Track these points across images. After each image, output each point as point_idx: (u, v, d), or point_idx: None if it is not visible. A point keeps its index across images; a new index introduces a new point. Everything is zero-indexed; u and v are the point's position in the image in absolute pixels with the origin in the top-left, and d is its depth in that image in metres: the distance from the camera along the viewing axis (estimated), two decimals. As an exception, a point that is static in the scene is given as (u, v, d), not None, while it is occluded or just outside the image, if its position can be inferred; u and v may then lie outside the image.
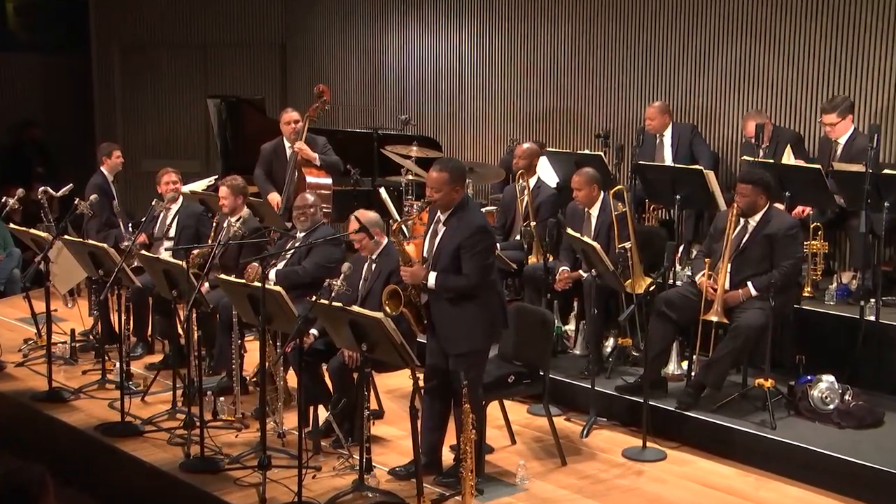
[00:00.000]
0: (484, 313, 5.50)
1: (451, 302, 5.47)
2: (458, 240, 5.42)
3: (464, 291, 5.44)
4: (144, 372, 7.81)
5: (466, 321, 5.47)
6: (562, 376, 7.09)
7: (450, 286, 5.44)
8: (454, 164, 5.55)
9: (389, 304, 5.59)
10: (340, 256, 7.10)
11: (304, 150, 8.76)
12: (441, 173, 5.45)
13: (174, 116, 13.43)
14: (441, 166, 5.49)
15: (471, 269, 5.40)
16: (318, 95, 9.12)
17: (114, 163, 9.30)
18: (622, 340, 7.30)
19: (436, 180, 5.45)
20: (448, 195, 5.46)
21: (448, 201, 5.48)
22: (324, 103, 9.10)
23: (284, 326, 5.96)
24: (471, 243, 5.39)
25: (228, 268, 7.33)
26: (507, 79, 10.84)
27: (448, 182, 5.44)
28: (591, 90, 10.12)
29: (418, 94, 11.72)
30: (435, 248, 5.53)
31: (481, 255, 5.41)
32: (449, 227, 5.50)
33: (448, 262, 5.45)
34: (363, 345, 5.29)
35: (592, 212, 7.41)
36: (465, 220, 5.45)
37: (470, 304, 5.46)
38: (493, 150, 11.04)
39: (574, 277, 7.32)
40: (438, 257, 5.50)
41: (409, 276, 5.54)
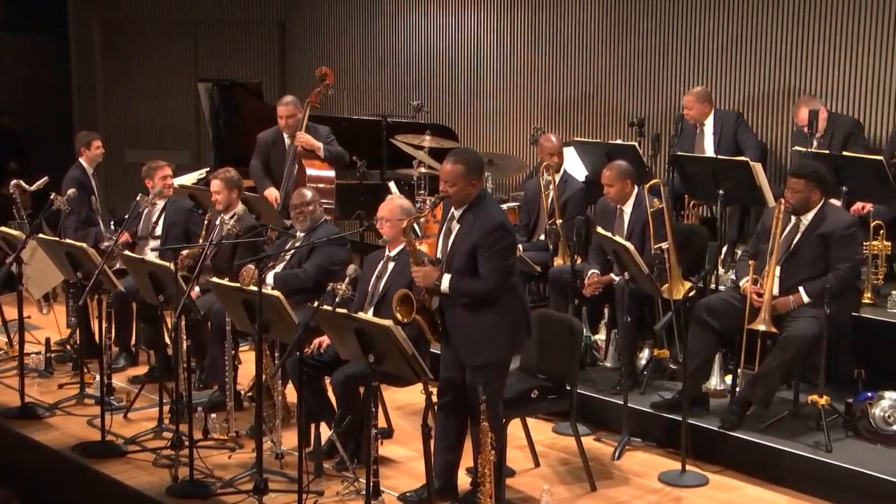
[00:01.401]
0: (504, 320, 5.51)
1: (467, 307, 5.48)
2: (475, 238, 5.42)
3: (481, 296, 5.44)
4: (128, 386, 7.83)
5: (485, 329, 5.47)
6: (591, 391, 7.08)
7: (465, 290, 5.45)
8: (470, 156, 5.56)
9: (401, 310, 5.60)
10: (346, 258, 7.12)
11: (305, 139, 8.78)
12: (456, 165, 5.46)
13: (161, 102, 13.47)
14: (456, 158, 5.50)
15: (488, 270, 5.40)
16: (319, 79, 9.13)
17: (93, 154, 9.35)
18: (658, 352, 7.29)
19: (450, 173, 5.46)
20: (463, 189, 5.47)
21: (463, 196, 5.48)
22: (326, 87, 9.11)
23: (283, 335, 5.97)
24: (488, 242, 5.40)
25: (221, 270, 7.35)
26: (531, 61, 10.84)
27: (464, 175, 5.45)
28: (625, 73, 10.12)
29: (432, 78, 11.73)
30: (449, 248, 5.54)
31: (500, 254, 5.41)
32: (464, 224, 5.50)
33: (463, 264, 5.45)
34: (370, 356, 5.30)
35: (625, 208, 7.40)
36: (481, 217, 5.46)
37: (488, 310, 5.46)
38: (514, 141, 11.04)
39: (604, 281, 7.31)
40: (452, 258, 5.50)
41: (422, 278, 5.54)
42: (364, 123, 10.72)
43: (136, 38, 13.41)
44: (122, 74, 13.48)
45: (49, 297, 9.15)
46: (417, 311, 5.56)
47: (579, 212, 7.98)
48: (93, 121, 13.18)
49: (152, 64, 13.43)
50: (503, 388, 5.67)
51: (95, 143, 9.37)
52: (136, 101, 13.48)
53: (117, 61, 13.47)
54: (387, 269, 6.51)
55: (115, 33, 13.46)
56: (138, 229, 8.37)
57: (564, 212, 8.04)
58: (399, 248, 6.46)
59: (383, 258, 6.55)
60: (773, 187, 7.72)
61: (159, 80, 13.44)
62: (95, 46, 13.48)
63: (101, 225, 8.94)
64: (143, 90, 13.46)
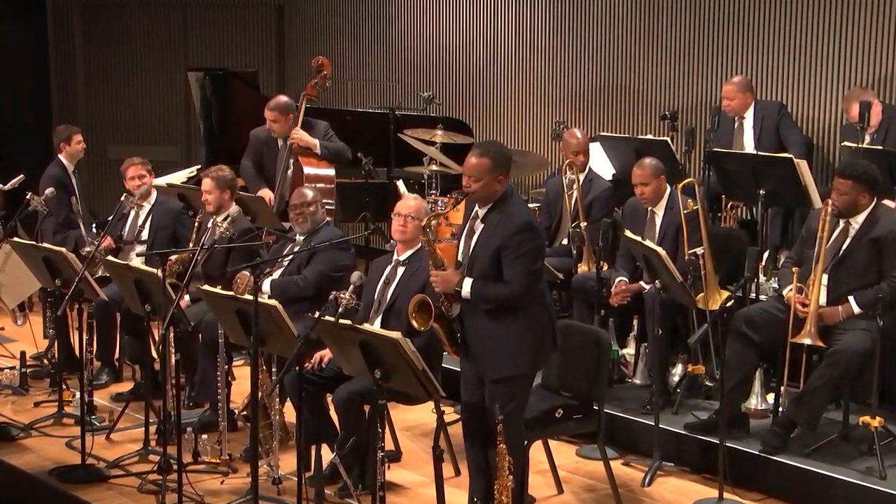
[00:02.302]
0: (529, 330, 5.51)
1: (489, 315, 5.48)
2: (500, 239, 5.43)
3: (505, 302, 5.44)
4: (110, 404, 7.85)
5: (508, 339, 5.47)
6: (619, 411, 7.08)
7: (488, 295, 5.45)
8: (498, 149, 5.58)
9: (417, 317, 5.60)
10: (350, 263, 7.13)
11: (299, 136, 8.79)
12: (482, 159, 5.47)
13: (147, 93, 13.50)
14: (482, 150, 5.52)
15: (514, 274, 5.41)
16: (316, 70, 9.16)
17: (74, 150, 9.37)
18: (693, 368, 7.27)
19: (475, 167, 5.47)
20: (489, 186, 5.47)
21: (489, 193, 5.49)
22: (324, 79, 9.13)
23: (281, 348, 5.98)
24: (515, 243, 5.40)
25: (213, 277, 7.36)
26: (554, 47, 10.84)
27: (490, 170, 5.46)
28: (656, 61, 10.10)
29: (444, 67, 11.74)
30: (471, 250, 5.54)
31: (527, 257, 5.41)
32: (488, 223, 5.51)
33: (487, 267, 5.46)
34: (377, 371, 5.30)
35: (657, 210, 7.39)
36: (507, 216, 5.46)
37: (513, 319, 5.47)
38: (534, 135, 11.04)
39: (633, 290, 7.31)
40: (475, 260, 5.51)
41: (441, 282, 5.55)
42: (370, 117, 10.72)
43: (119, 22, 13.44)
44: (105, 63, 13.51)
45: (25, 307, 9.16)
46: (435, 319, 5.56)
47: (606, 213, 7.97)
48: (73, 114, 13.20)
49: (138, 51, 13.46)
50: (525, 405, 5.67)
51: (76, 137, 9.39)
52: (121, 93, 13.51)
53: (100, 49, 13.50)
54: (395, 276, 6.50)
55: (97, 18, 13.49)
56: (123, 233, 8.39)
57: (589, 214, 8.03)
58: (410, 251, 6.46)
59: (391, 263, 6.55)
60: (819, 187, 7.70)
61: (146, 70, 13.46)
62: (76, 31, 13.51)
63: (83, 228, 8.95)
64: (127, 80, 13.49)
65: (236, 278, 7.03)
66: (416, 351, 5.20)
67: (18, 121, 13.18)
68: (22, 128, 13.07)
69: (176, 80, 13.13)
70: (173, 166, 10.77)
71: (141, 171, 8.36)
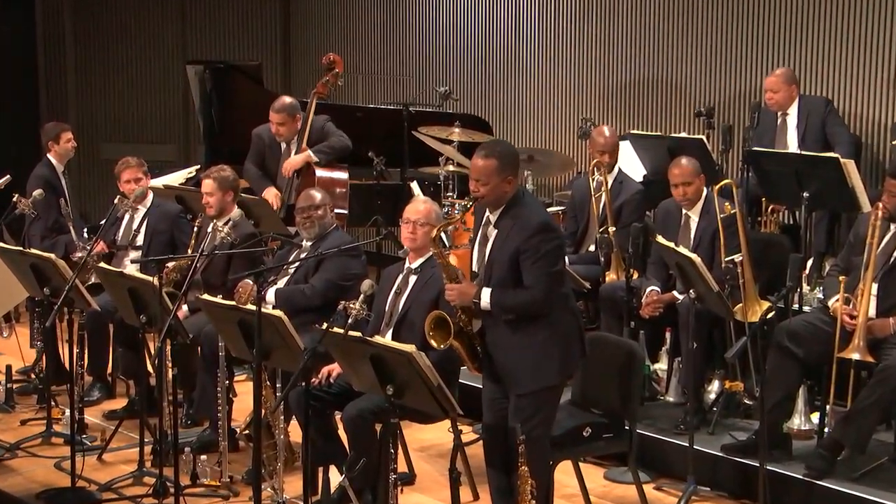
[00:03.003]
0: (555, 337, 5.52)
1: (511, 325, 5.50)
2: (516, 243, 5.45)
3: (528, 309, 5.46)
4: (103, 422, 7.86)
5: (533, 350, 5.49)
6: (650, 431, 7.07)
7: (509, 303, 5.47)
8: (504, 148, 5.60)
9: (435, 335, 5.61)
10: (360, 271, 7.13)
11: (292, 166, 8.74)
12: (488, 160, 5.49)
13: (143, 88, 13.53)
14: (486, 151, 5.53)
15: (534, 278, 5.42)
16: (327, 67, 9.17)
17: (63, 148, 9.39)
18: (730, 384, 7.26)
19: (482, 170, 5.49)
20: (498, 188, 5.50)
21: (498, 196, 5.51)
22: (335, 77, 9.14)
23: (286, 363, 5.99)
24: (532, 245, 5.42)
25: (213, 286, 7.38)
26: (580, 38, 10.83)
27: (497, 171, 5.48)
28: (690, 52, 10.09)
29: (462, 60, 11.75)
30: (486, 258, 5.55)
31: (546, 258, 5.43)
32: (502, 228, 5.53)
33: (505, 274, 5.48)
34: (389, 387, 5.31)
35: (692, 214, 7.38)
36: (522, 218, 5.49)
37: (537, 327, 5.49)
38: (559, 133, 11.03)
39: (666, 301, 7.30)
40: (492, 268, 5.53)
41: (457, 296, 5.57)
42: (382, 113, 10.73)
43: (113, 12, 13.48)
44: (98, 56, 13.55)
45: (10, 318, 9.20)
46: (455, 336, 5.57)
47: (636, 218, 7.96)
48: (63, 110, 13.25)
49: (133, 43, 13.50)
50: (552, 422, 5.69)
51: (65, 135, 9.41)
52: (114, 88, 13.55)
53: (91, 40, 13.54)
54: (407, 285, 6.51)
55: (89, 7, 13.53)
56: (116, 238, 8.40)
57: (619, 218, 8.03)
58: (422, 259, 6.47)
59: (403, 271, 6.56)
60: (868, 189, 7.67)
61: (141, 63, 13.50)
62: (65, 22, 13.56)
63: (73, 232, 8.96)
64: (121, 74, 13.53)
65: (238, 287, 7.03)
66: (432, 365, 5.20)
67: (3, 117, 13.21)
68: (7, 125, 13.09)
69: (173, 74, 13.17)
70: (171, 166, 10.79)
71: (137, 174, 8.36)
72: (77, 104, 13.54)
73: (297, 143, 8.86)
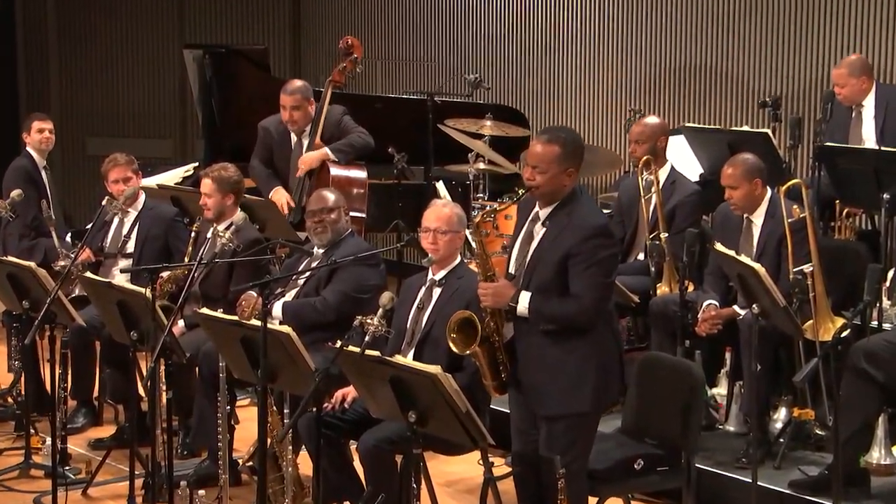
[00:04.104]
0: (595, 359, 5.52)
1: (548, 338, 5.50)
2: (567, 245, 5.45)
3: (572, 322, 5.47)
4: (88, 452, 7.88)
5: (568, 368, 5.49)
6: (708, 464, 7.05)
7: (551, 312, 5.47)
8: (569, 136, 5.61)
9: (458, 339, 5.60)
10: (378, 282, 7.14)
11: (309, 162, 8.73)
12: (549, 146, 5.49)
13: (135, 75, 13.59)
14: (549, 136, 5.55)
15: (584, 287, 5.42)
16: (344, 52, 9.17)
17: (36, 140, 9.36)
18: (799, 412, 7.23)
19: (542, 156, 5.49)
20: (556, 180, 5.50)
21: (555, 189, 5.51)
22: (354, 63, 9.14)
23: (295, 385, 5.99)
24: (587, 249, 5.42)
25: (213, 299, 7.40)
26: (628, 20, 10.83)
27: (559, 160, 5.48)
28: (753, 38, 10.07)
29: (494, 44, 11.75)
30: (529, 257, 5.55)
31: (601, 267, 5.44)
32: (553, 226, 5.53)
33: (549, 278, 5.48)
34: (411, 414, 5.31)
35: (754, 219, 7.36)
36: (578, 217, 5.49)
37: (576, 343, 5.49)
38: (604, 127, 11.03)
39: (726, 316, 7.27)
40: (534, 270, 5.52)
41: (492, 296, 5.55)
42: (404, 104, 10.74)
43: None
44: (84, 40, 13.61)
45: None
46: (479, 343, 5.56)
47: (692, 222, 7.94)
48: (44, 100, 13.32)
49: (123, 26, 13.55)
50: (588, 452, 5.67)
51: (37, 125, 9.33)
52: (102, 75, 13.60)
53: (77, 22, 13.60)
54: (431, 298, 6.52)
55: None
56: (104, 244, 8.43)
57: (671, 222, 8.00)
58: (446, 269, 6.48)
59: (426, 283, 6.56)
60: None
61: (133, 47, 13.56)
62: (47, 4, 13.62)
63: (55, 237, 8.99)
64: (111, 60, 13.58)
65: (241, 300, 7.06)
66: (459, 389, 5.20)
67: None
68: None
69: (169, 59, 13.23)
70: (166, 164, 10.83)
71: (125, 173, 8.35)
72: (60, 93, 13.60)
73: (309, 138, 8.84)
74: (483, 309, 5.60)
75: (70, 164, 12.98)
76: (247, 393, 8.00)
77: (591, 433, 5.68)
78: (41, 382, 8.06)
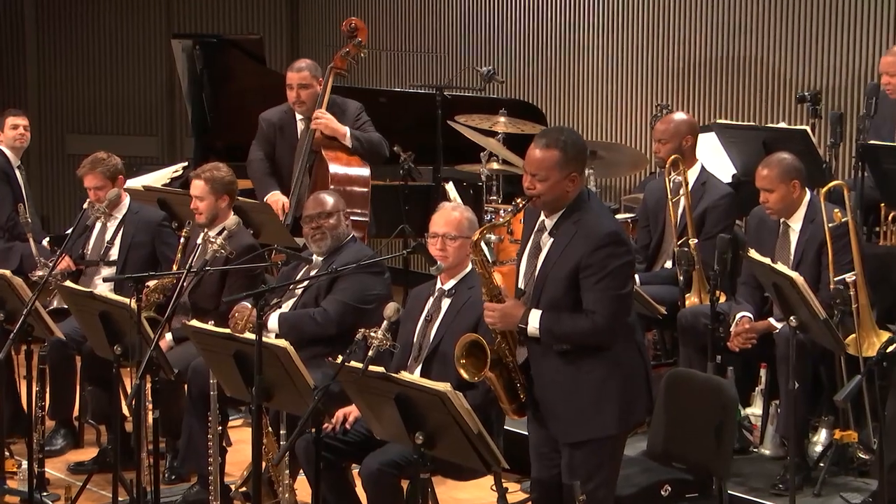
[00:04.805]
0: (617, 378, 5.52)
1: (564, 358, 5.49)
2: (577, 256, 5.44)
3: (587, 339, 5.46)
4: (68, 477, 7.89)
5: (589, 390, 5.49)
6: (741, 490, 7.04)
7: (563, 331, 5.46)
8: (569, 137, 5.58)
9: (467, 364, 5.60)
10: (383, 292, 7.14)
11: (325, 121, 8.76)
12: (548, 151, 5.49)
13: (119, 68, 13.60)
14: (548, 140, 5.53)
15: (597, 301, 5.42)
16: (348, 35, 9.16)
17: (9, 137, 9.37)
18: (841, 434, 7.22)
19: (540, 162, 5.49)
20: (558, 187, 5.49)
21: (558, 196, 5.51)
22: (358, 48, 9.13)
23: (292, 404, 6.00)
24: (597, 259, 5.41)
25: (204, 310, 7.41)
26: (655, 9, 10.82)
27: (559, 165, 5.47)
28: (790, 24, 10.07)
29: (508, 33, 11.76)
30: (537, 272, 5.55)
31: (615, 278, 5.43)
32: (560, 236, 5.52)
33: (560, 293, 5.47)
34: (418, 435, 5.31)
35: (792, 224, 7.36)
36: (586, 225, 5.48)
37: (594, 363, 5.49)
38: (628, 123, 11.03)
39: (761, 330, 7.27)
40: (543, 286, 5.52)
41: (499, 318, 5.55)
42: (411, 99, 10.75)
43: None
44: (64, 30, 13.62)
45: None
46: (491, 367, 5.56)
47: (724, 227, 7.93)
48: (21, 94, 13.32)
49: (106, 14, 13.56)
50: (615, 479, 5.67)
51: (11, 121, 9.35)
52: (83, 67, 13.61)
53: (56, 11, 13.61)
54: (440, 310, 6.52)
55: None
56: (86, 251, 8.43)
57: (702, 227, 8.00)
58: (457, 278, 6.48)
59: (434, 293, 6.56)
60: None
61: (116, 38, 13.56)
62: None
63: (32, 243, 9.01)
64: (92, 51, 13.59)
65: (234, 311, 7.06)
66: (471, 408, 5.20)
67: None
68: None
69: (156, 50, 13.24)
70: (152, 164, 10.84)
71: (99, 181, 8.25)
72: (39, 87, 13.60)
73: None
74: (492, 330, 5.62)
75: (48, 163, 13.00)
76: (240, 413, 8.00)
77: (618, 457, 5.67)
78: (18, 401, 8.09)
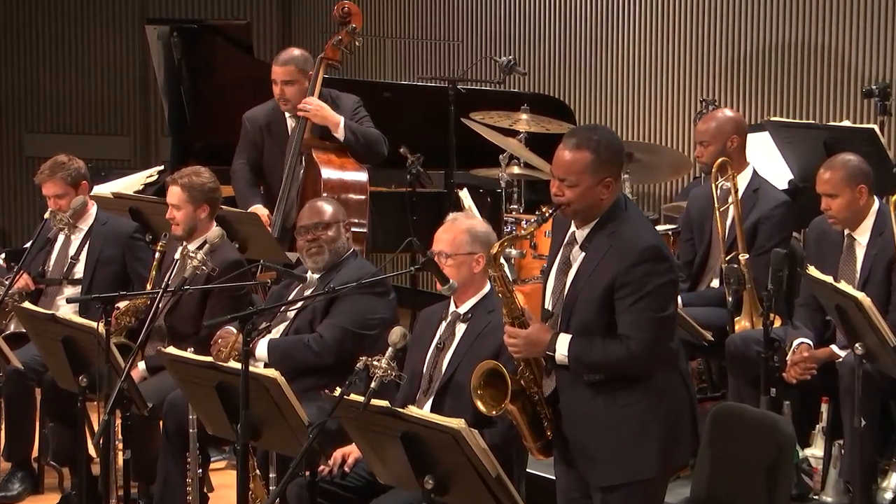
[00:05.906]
0: (657, 412, 5.52)
1: (596, 390, 5.51)
2: (611, 273, 5.44)
3: (622, 369, 5.47)
4: (26, 525, 7.92)
5: (624, 425, 5.50)
6: (799, 544, 7.06)
7: (595, 360, 5.47)
8: (602, 137, 5.58)
9: (485, 395, 5.60)
10: (387, 315, 7.16)
11: (315, 108, 8.72)
12: (578, 152, 5.48)
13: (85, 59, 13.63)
14: (578, 140, 5.53)
15: (634, 325, 5.42)
16: (340, 21, 9.18)
17: None
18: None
19: (570, 165, 5.49)
20: (591, 194, 5.49)
21: (590, 204, 5.51)
22: (352, 36, 9.14)
23: (283, 443, 6.00)
24: (635, 278, 5.41)
25: (182, 335, 7.41)
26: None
27: (592, 169, 5.48)
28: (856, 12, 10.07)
29: (530, 19, 11.78)
30: (566, 292, 5.56)
31: (653, 300, 5.43)
32: (593, 250, 5.53)
33: (592, 316, 5.48)
34: (427, 479, 5.31)
35: (858, 236, 7.36)
36: (622, 238, 5.49)
37: (631, 395, 5.49)
38: (668, 122, 11.04)
39: (822, 358, 7.27)
40: (573, 307, 5.53)
41: (523, 345, 5.54)
42: (419, 93, 10.78)
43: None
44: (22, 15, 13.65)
45: None
46: (512, 399, 5.56)
47: (779, 241, 7.93)
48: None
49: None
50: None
51: None
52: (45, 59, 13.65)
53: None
54: (454, 336, 6.52)
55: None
56: (47, 267, 8.45)
57: (754, 241, 8.00)
58: (474, 300, 6.47)
59: (447, 317, 6.56)
60: None
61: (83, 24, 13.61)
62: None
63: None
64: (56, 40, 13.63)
65: (217, 337, 7.06)
66: (489, 448, 5.21)
67: None
68: None
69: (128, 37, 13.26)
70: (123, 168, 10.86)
71: (60, 188, 8.26)
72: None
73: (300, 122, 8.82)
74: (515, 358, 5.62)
75: (3, 167, 13.02)
76: (223, 453, 8.01)
77: (658, 501, 5.68)
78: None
